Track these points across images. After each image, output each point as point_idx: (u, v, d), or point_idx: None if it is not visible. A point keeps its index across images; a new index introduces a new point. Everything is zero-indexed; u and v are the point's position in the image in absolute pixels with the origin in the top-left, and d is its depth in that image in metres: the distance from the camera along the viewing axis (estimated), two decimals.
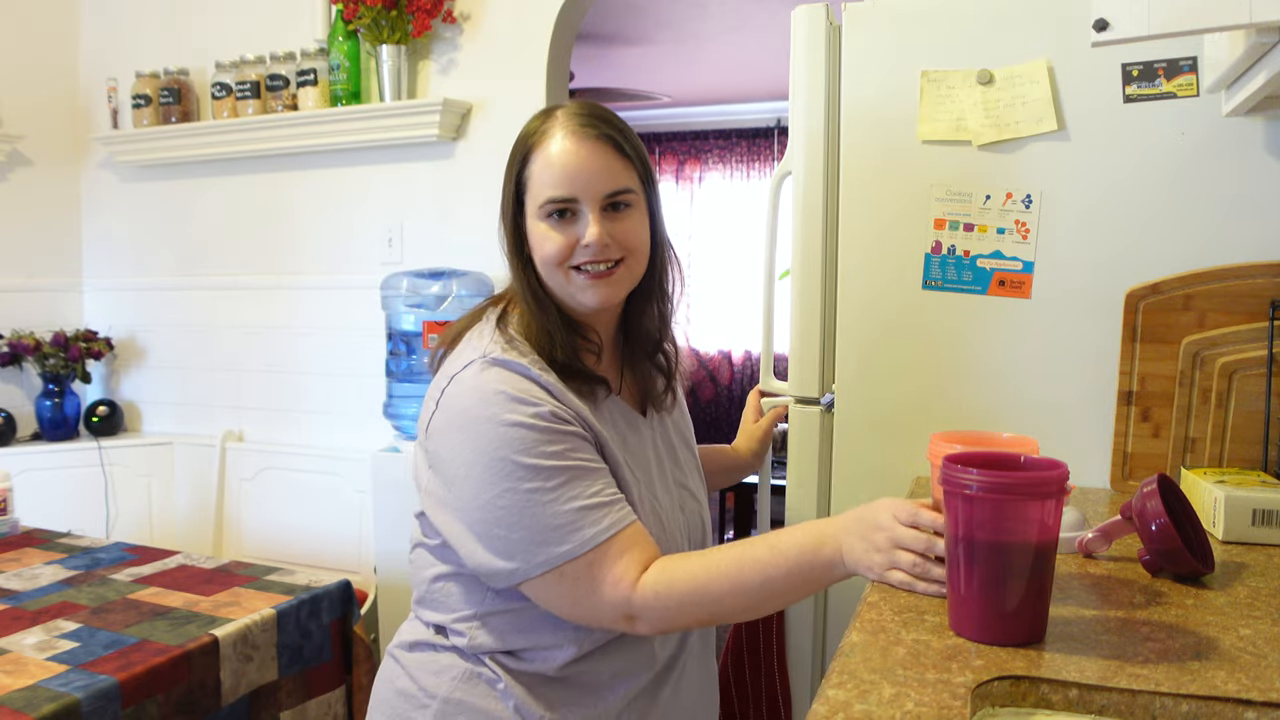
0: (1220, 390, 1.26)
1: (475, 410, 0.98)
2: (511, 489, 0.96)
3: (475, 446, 0.97)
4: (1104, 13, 0.96)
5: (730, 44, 4.48)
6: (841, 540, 0.92)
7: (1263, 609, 0.86)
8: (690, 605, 0.95)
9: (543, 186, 1.03)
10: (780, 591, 0.94)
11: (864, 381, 1.50)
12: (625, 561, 0.96)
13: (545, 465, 0.96)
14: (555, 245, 1.03)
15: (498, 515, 0.96)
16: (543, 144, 1.04)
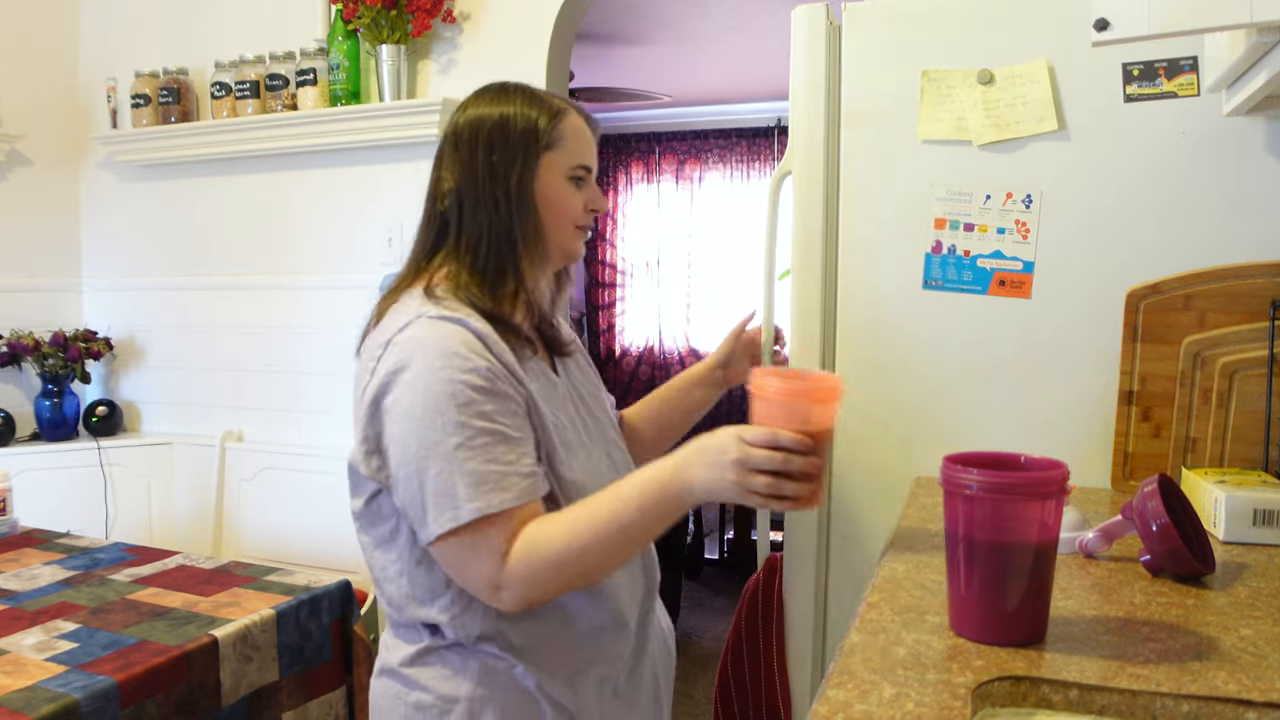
0: (1221, 390, 1.26)
1: (420, 358, 1.02)
2: (441, 437, 0.99)
3: (419, 394, 1.01)
4: (1104, 12, 0.96)
5: (730, 44, 4.48)
6: (686, 473, 0.96)
7: (1263, 609, 0.86)
8: (558, 566, 0.99)
9: (577, 151, 1.16)
10: (637, 535, 0.99)
11: (864, 381, 1.50)
12: (509, 532, 0.99)
13: (475, 421, 1.00)
14: (579, 204, 1.17)
15: (423, 462, 1.00)
16: (569, 117, 1.16)
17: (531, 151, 1.14)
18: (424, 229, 1.21)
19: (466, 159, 1.15)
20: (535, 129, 1.14)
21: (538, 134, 1.14)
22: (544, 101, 1.17)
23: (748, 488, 0.91)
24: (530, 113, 1.15)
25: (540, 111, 1.15)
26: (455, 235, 1.15)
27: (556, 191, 1.15)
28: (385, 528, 1.09)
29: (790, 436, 0.89)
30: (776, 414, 0.91)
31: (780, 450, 0.89)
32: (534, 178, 1.14)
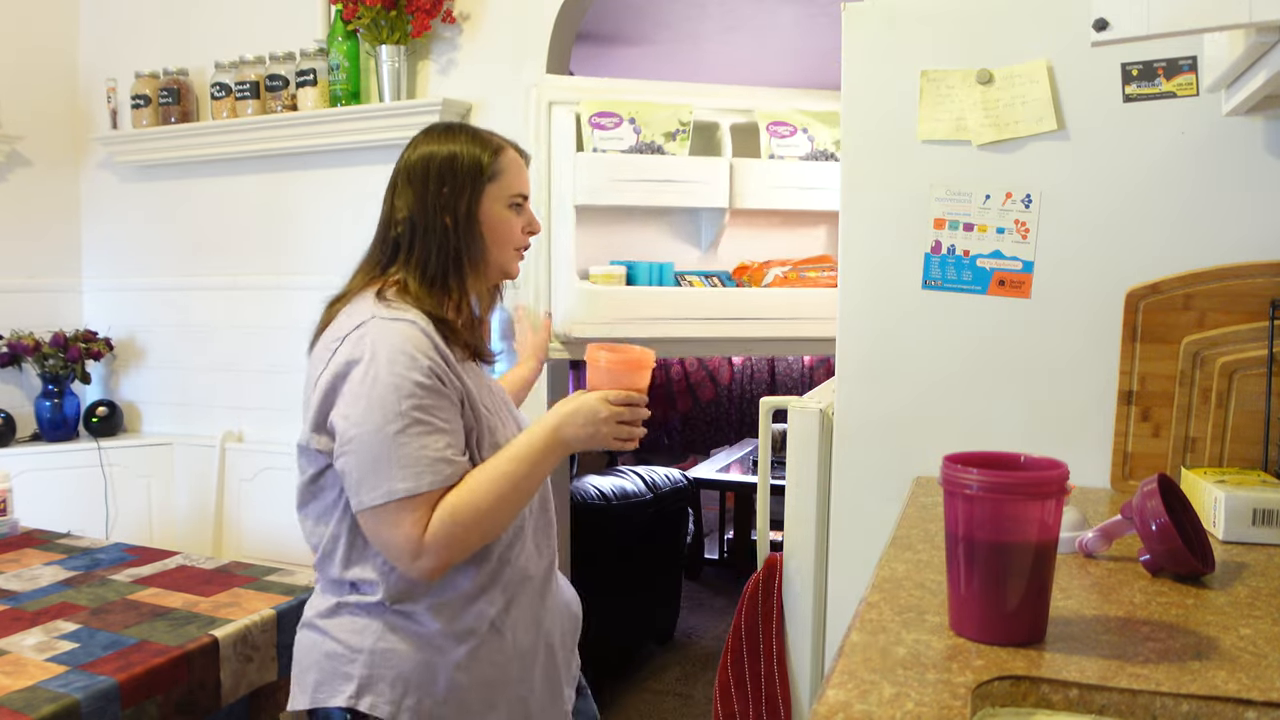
0: (1220, 390, 1.26)
1: (374, 351, 1.19)
2: (383, 423, 1.16)
3: (368, 382, 1.17)
4: (1104, 12, 0.96)
5: (730, 44, 4.48)
6: (562, 431, 1.23)
7: (1263, 609, 0.86)
8: (470, 526, 1.17)
9: (514, 182, 1.35)
10: (527, 488, 1.22)
11: (864, 381, 1.50)
12: (421, 511, 1.16)
13: (414, 412, 1.16)
14: (517, 228, 1.36)
15: (365, 442, 1.16)
16: (505, 150, 1.36)
17: (477, 184, 1.32)
18: (376, 248, 1.37)
19: (419, 190, 1.32)
20: (479, 164, 1.32)
21: (481, 168, 1.32)
22: (485, 140, 1.35)
23: (615, 435, 1.23)
24: (474, 150, 1.33)
25: (483, 148, 1.34)
26: (406, 254, 1.31)
27: (496, 220, 1.33)
28: (326, 500, 1.25)
29: (637, 395, 1.24)
30: (605, 380, 1.24)
31: (631, 406, 1.23)
32: (479, 206, 1.32)
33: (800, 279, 2.20)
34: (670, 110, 2.21)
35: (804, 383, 5.92)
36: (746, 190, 2.21)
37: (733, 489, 4.28)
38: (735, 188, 2.20)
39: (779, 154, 2.24)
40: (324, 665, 1.23)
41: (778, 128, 2.24)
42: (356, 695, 1.21)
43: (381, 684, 1.21)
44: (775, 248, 2.42)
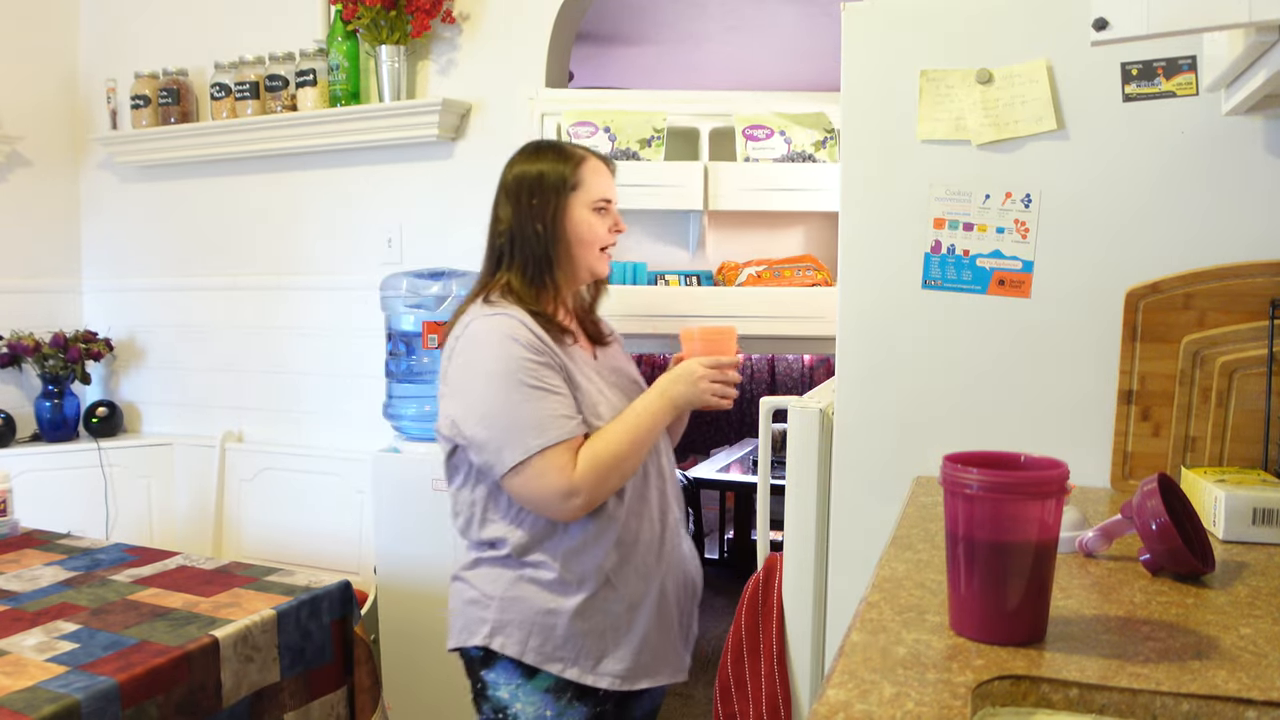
0: (1220, 389, 1.26)
1: (480, 344, 1.42)
2: (506, 396, 1.39)
3: (483, 368, 1.41)
4: (1103, 12, 0.96)
5: (730, 44, 4.48)
6: (671, 392, 1.49)
7: (1263, 608, 0.86)
8: (611, 468, 1.41)
9: (596, 188, 1.54)
10: (648, 441, 1.47)
11: (864, 381, 1.50)
12: (566, 457, 1.39)
13: (528, 382, 1.39)
14: (601, 230, 1.54)
15: (505, 416, 1.39)
16: (587, 159, 1.55)
17: (561, 194, 1.51)
18: (487, 259, 1.57)
19: (514, 205, 1.52)
20: (563, 176, 1.52)
21: (565, 180, 1.52)
22: (569, 153, 1.55)
23: (711, 393, 1.49)
24: (558, 165, 1.53)
25: (565, 162, 1.53)
26: (509, 260, 1.52)
27: (581, 222, 1.52)
28: (462, 474, 1.49)
29: (725, 359, 1.50)
30: (699, 349, 1.52)
31: (720, 368, 1.49)
32: (564, 213, 1.51)
33: (775, 278, 2.22)
34: (644, 118, 2.29)
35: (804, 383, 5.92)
36: (721, 193, 2.26)
37: (733, 489, 4.28)
38: (710, 190, 2.25)
39: (754, 156, 2.27)
40: (466, 611, 1.48)
41: (754, 130, 2.28)
42: (490, 635, 1.44)
43: (510, 626, 1.44)
44: (759, 248, 2.44)
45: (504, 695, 1.46)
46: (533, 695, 1.45)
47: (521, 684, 1.45)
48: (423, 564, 2.35)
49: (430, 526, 2.33)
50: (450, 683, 2.37)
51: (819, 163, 2.26)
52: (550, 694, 1.45)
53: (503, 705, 1.46)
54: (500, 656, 1.45)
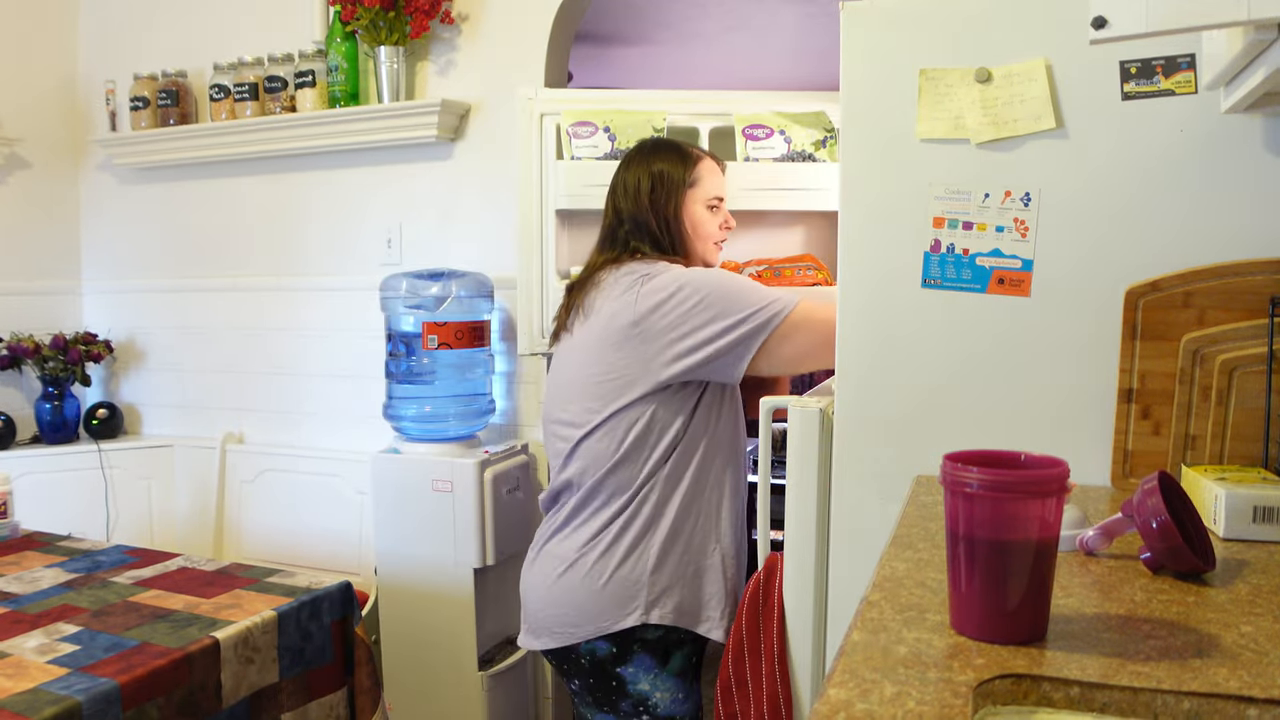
0: (1220, 387, 1.26)
1: (686, 277, 1.56)
2: (741, 286, 1.56)
3: (708, 279, 1.56)
4: (1102, 10, 0.96)
5: (730, 44, 4.48)
6: None
7: (1264, 606, 0.86)
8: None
9: (711, 186, 1.67)
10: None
11: (863, 381, 1.50)
12: (828, 299, 1.53)
13: (742, 275, 1.59)
14: (714, 224, 1.69)
15: (746, 298, 1.53)
16: (705, 159, 1.69)
17: (679, 190, 1.64)
18: (606, 242, 1.70)
19: (634, 199, 1.65)
20: (684, 175, 1.64)
21: (686, 179, 1.64)
22: (685, 151, 1.68)
23: None
24: (678, 163, 1.65)
25: (684, 160, 1.66)
26: (640, 241, 1.65)
27: (699, 216, 1.66)
28: (634, 433, 1.58)
29: None
30: None
31: None
32: (682, 208, 1.64)
33: (775, 277, 2.22)
34: (643, 118, 2.29)
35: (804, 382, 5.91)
36: None
37: None
38: None
39: (754, 156, 2.27)
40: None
41: (754, 130, 2.28)
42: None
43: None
44: (759, 247, 2.44)
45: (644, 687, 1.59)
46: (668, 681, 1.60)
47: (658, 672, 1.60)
48: (423, 564, 2.35)
49: (430, 527, 2.33)
50: (451, 682, 2.37)
51: (819, 162, 2.26)
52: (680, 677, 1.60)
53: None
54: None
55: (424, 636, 2.38)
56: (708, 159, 1.69)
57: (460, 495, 2.30)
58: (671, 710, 1.58)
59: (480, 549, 2.31)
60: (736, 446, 1.71)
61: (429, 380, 2.41)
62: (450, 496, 2.31)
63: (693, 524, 1.58)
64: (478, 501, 2.29)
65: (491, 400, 2.53)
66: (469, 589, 2.31)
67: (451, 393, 2.43)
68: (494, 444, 2.49)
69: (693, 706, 1.62)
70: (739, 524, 1.68)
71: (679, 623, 1.55)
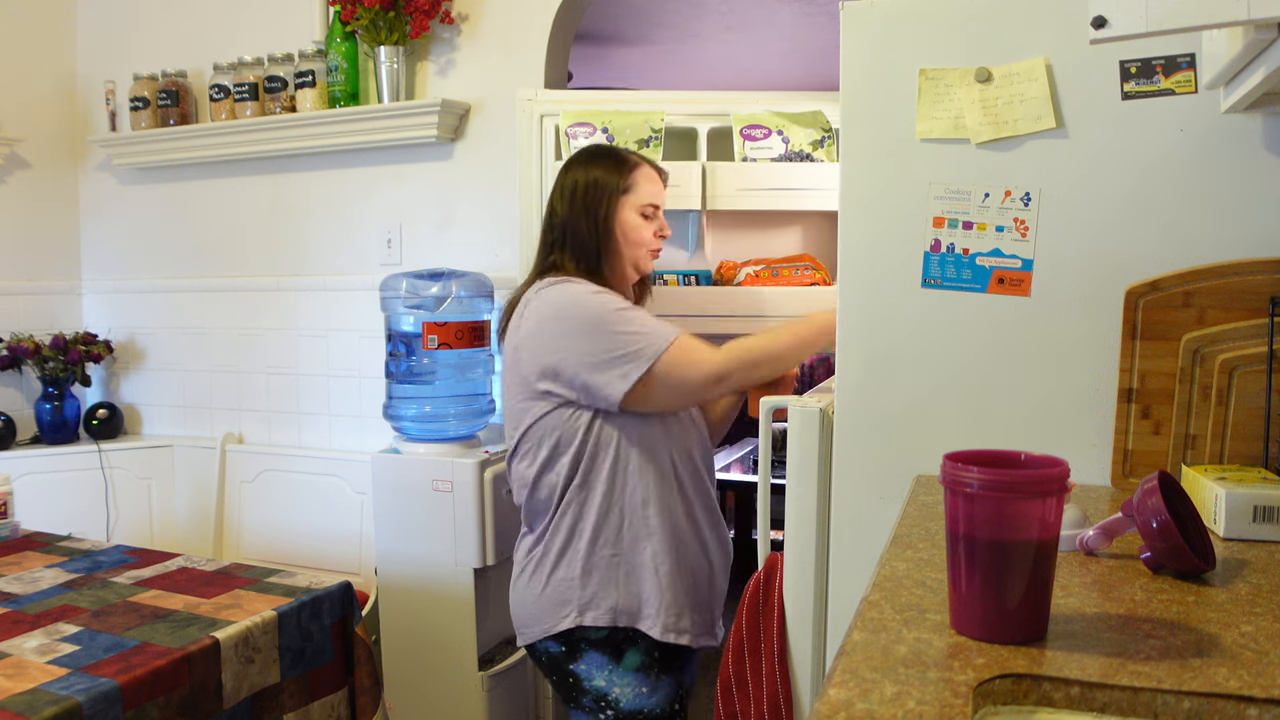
0: (1220, 387, 1.26)
1: (564, 300, 1.56)
2: (609, 325, 1.53)
3: (583, 312, 1.55)
4: (1102, 10, 0.96)
5: (729, 44, 4.48)
6: (817, 318, 1.64)
7: (1264, 606, 0.86)
8: (752, 352, 1.58)
9: (645, 193, 1.68)
10: (789, 352, 1.64)
11: (863, 380, 1.50)
12: (699, 347, 1.55)
13: (626, 308, 1.56)
14: (646, 232, 1.69)
15: (609, 343, 1.52)
16: (640, 165, 1.70)
17: (613, 196, 1.65)
18: (540, 252, 1.71)
19: (569, 202, 1.66)
20: (619, 181, 1.66)
21: (622, 185, 1.66)
22: (623, 159, 1.69)
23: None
24: (614, 171, 1.66)
25: (624, 165, 1.67)
26: (560, 253, 1.66)
27: (630, 223, 1.66)
28: (545, 449, 1.62)
29: None
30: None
31: None
32: (615, 214, 1.65)
33: (773, 277, 2.22)
34: (642, 118, 2.29)
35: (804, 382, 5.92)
36: (719, 193, 2.26)
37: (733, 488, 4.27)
38: (709, 190, 2.26)
39: (752, 156, 2.27)
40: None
41: (752, 130, 2.28)
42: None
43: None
44: (758, 247, 2.44)
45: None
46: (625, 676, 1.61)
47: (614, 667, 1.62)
48: (423, 564, 2.35)
49: (430, 527, 2.33)
50: (451, 682, 2.37)
51: (817, 162, 2.26)
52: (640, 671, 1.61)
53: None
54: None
55: (424, 636, 2.38)
56: (645, 166, 1.70)
57: (460, 495, 2.30)
58: (637, 705, 1.59)
59: (480, 549, 2.31)
60: (655, 437, 1.65)
61: (429, 380, 2.41)
62: (450, 496, 2.31)
63: (616, 526, 1.59)
64: (478, 501, 2.29)
65: (491, 400, 2.53)
66: (469, 589, 2.31)
67: (451, 393, 2.43)
68: (494, 444, 2.49)
69: (662, 700, 1.61)
70: (672, 516, 1.65)
71: (616, 622, 1.58)
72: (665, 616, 1.59)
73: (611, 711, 1.60)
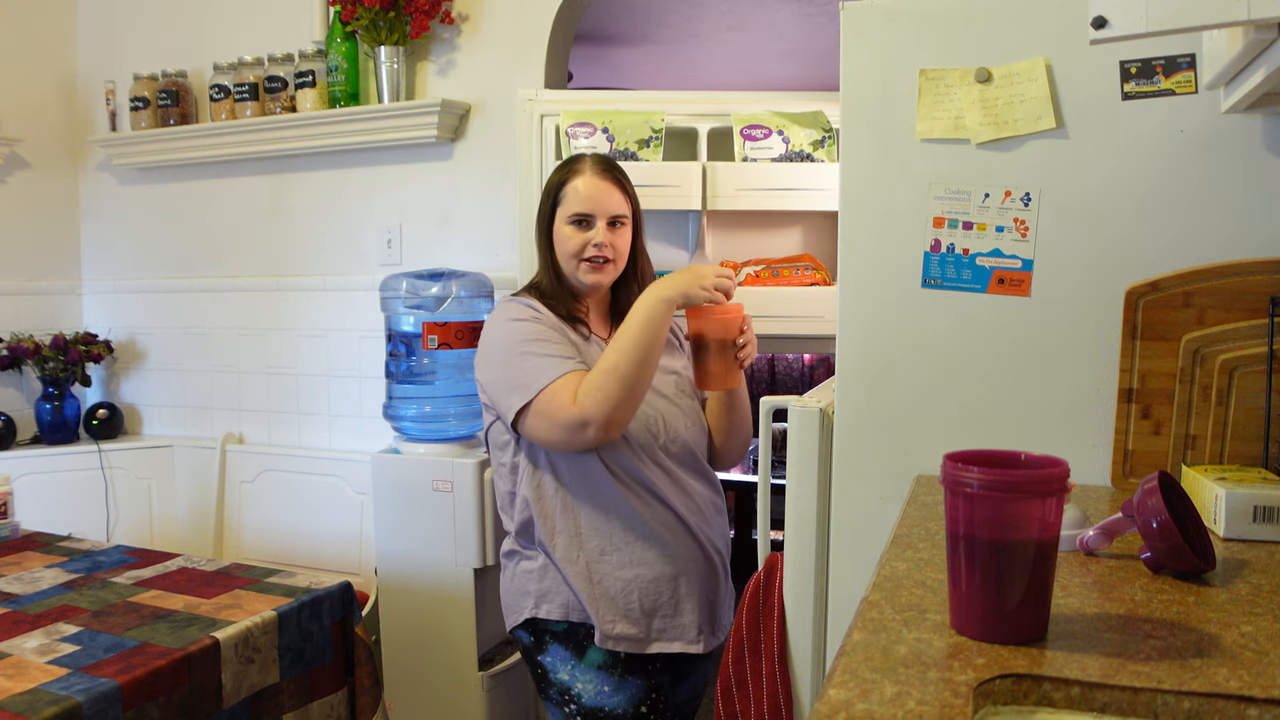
0: (1220, 387, 1.26)
1: (489, 327, 1.62)
2: (507, 356, 1.54)
3: (492, 338, 1.59)
4: (1102, 10, 0.96)
5: (729, 44, 4.48)
6: (656, 290, 1.51)
7: (1264, 606, 0.86)
8: (606, 372, 1.47)
9: (573, 203, 1.61)
10: (643, 347, 1.48)
11: (864, 380, 1.50)
12: (568, 392, 1.48)
13: (525, 347, 1.53)
14: (575, 243, 1.61)
15: (504, 375, 1.54)
16: (577, 174, 1.63)
17: (552, 212, 1.64)
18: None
19: (537, 210, 1.67)
20: (551, 194, 1.64)
21: (554, 198, 1.64)
22: (563, 168, 1.65)
23: (703, 286, 1.50)
24: (551, 182, 1.65)
25: (557, 177, 1.64)
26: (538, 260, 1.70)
27: (560, 237, 1.63)
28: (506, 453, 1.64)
29: (727, 283, 1.52)
30: (706, 325, 1.53)
31: (722, 279, 1.52)
32: (551, 224, 1.64)
33: (773, 277, 2.22)
34: (642, 118, 2.28)
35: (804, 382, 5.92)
36: (719, 193, 2.26)
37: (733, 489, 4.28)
38: (709, 190, 2.26)
39: (752, 156, 2.27)
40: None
41: (752, 130, 2.28)
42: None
43: None
44: (759, 247, 2.44)
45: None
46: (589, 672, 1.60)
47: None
48: (423, 564, 2.35)
49: (430, 527, 2.33)
50: (451, 682, 2.37)
51: (817, 162, 2.26)
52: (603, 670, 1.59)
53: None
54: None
55: (424, 636, 2.38)
56: (586, 174, 1.62)
57: (460, 495, 2.30)
58: (599, 702, 1.58)
59: (480, 549, 2.31)
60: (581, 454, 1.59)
61: (429, 380, 2.42)
62: (450, 496, 2.31)
63: (550, 531, 1.60)
64: (478, 501, 2.29)
65: None
66: (469, 589, 2.31)
67: (451, 393, 2.43)
68: None
69: (625, 701, 1.58)
70: (608, 523, 1.59)
71: (569, 617, 1.59)
72: (602, 623, 1.57)
73: (575, 706, 1.60)
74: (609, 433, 1.48)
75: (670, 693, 1.67)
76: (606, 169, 1.64)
